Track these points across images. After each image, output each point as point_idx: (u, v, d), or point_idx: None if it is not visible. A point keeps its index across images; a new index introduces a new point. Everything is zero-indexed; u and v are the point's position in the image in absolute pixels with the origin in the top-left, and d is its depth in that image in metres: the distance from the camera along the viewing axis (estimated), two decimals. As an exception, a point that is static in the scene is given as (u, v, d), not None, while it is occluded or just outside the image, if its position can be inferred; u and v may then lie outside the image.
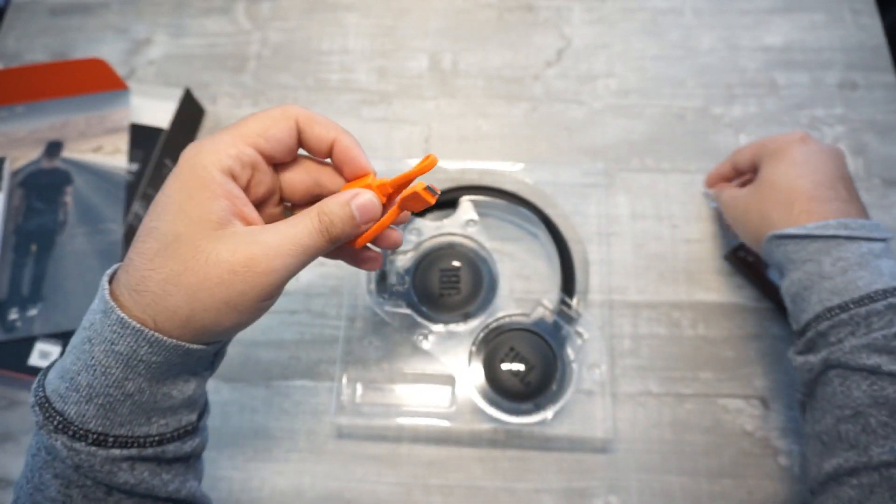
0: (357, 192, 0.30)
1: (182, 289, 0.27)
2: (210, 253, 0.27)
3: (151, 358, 0.27)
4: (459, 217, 0.53)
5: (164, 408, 0.29)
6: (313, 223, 0.29)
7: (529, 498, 0.47)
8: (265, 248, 0.27)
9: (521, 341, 0.49)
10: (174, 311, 0.27)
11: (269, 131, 0.29)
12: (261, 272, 0.27)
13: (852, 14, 0.63)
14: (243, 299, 0.27)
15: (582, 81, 0.62)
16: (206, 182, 0.27)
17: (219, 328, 0.28)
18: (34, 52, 0.66)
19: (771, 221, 0.40)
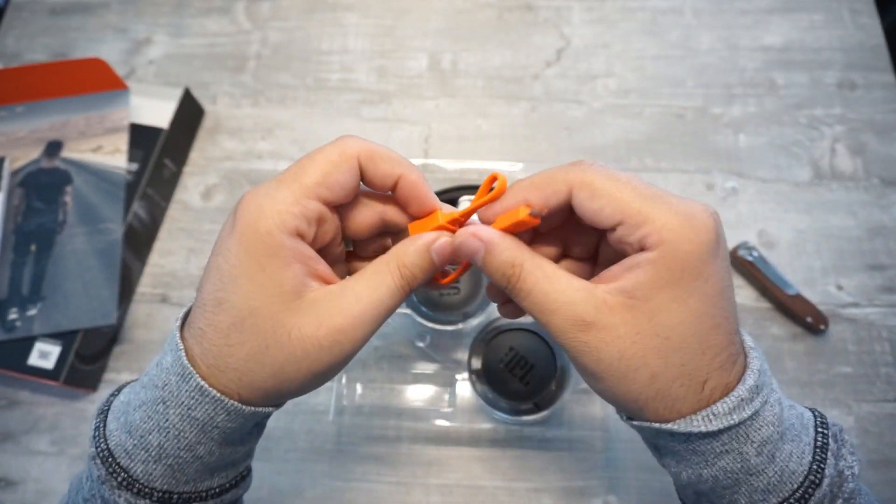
0: (436, 237, 0.28)
1: (267, 367, 0.26)
2: (293, 328, 0.25)
3: (227, 424, 0.27)
4: (459, 217, 0.53)
5: (228, 463, 0.29)
6: (395, 281, 0.27)
7: (529, 497, 0.47)
8: (351, 318, 0.26)
9: (520, 341, 0.49)
10: (259, 387, 0.26)
11: (331, 178, 0.26)
12: (347, 342, 0.26)
13: (851, 14, 0.63)
14: (331, 369, 0.26)
15: (581, 81, 0.62)
16: (274, 249, 0.25)
17: (302, 393, 0.28)
18: (34, 52, 0.66)
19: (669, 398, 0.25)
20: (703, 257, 0.24)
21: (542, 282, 0.26)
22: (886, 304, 0.52)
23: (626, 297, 0.25)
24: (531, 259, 0.26)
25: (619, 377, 0.25)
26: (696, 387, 0.25)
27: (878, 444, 0.48)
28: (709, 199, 0.56)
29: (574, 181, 0.25)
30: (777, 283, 0.52)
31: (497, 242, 0.26)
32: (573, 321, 0.25)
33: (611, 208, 0.25)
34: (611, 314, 0.25)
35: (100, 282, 0.52)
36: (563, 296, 0.25)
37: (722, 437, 0.25)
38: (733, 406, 0.25)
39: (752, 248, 0.53)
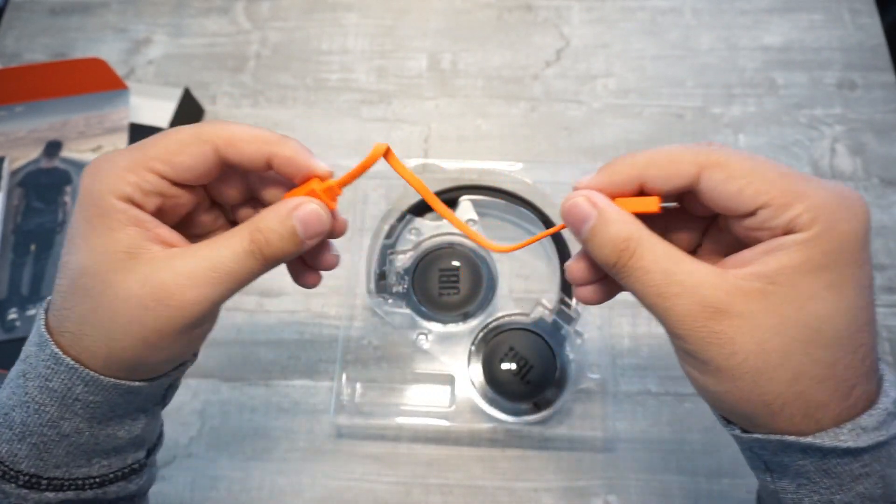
0: (299, 203, 0.25)
1: (96, 328, 0.24)
2: (119, 287, 0.24)
3: (89, 397, 0.25)
4: (459, 216, 0.53)
5: (107, 448, 0.27)
6: (242, 244, 0.25)
7: (528, 497, 0.47)
8: (178, 276, 0.24)
9: (520, 341, 0.49)
10: (93, 352, 0.25)
11: (176, 158, 0.25)
12: (175, 306, 0.24)
13: (851, 14, 0.63)
14: (160, 336, 0.24)
15: (581, 81, 0.62)
16: (106, 211, 0.24)
17: (146, 365, 0.26)
18: (33, 52, 0.66)
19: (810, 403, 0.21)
20: (861, 241, 0.21)
21: (663, 260, 0.22)
22: (886, 304, 0.52)
23: (765, 282, 0.21)
24: (649, 236, 0.23)
25: (754, 375, 0.21)
26: (843, 392, 0.21)
27: (878, 444, 0.48)
28: (709, 199, 0.56)
29: (705, 161, 0.23)
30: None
31: (612, 212, 0.24)
32: (702, 307, 0.22)
33: (753, 189, 0.21)
34: (747, 301, 0.21)
35: (99, 282, 0.52)
36: (690, 277, 0.22)
37: (863, 458, 0.22)
38: (881, 420, 0.21)
39: (752, 248, 0.53)
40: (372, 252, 0.52)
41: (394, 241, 0.52)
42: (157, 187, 0.25)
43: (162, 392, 0.29)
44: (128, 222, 0.24)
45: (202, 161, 0.25)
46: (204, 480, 0.49)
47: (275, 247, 0.25)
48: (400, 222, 0.52)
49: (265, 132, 0.26)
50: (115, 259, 0.24)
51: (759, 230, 0.22)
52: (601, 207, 0.24)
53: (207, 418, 0.50)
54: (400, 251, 0.52)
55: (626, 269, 0.23)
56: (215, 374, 0.52)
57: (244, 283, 0.25)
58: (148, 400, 0.28)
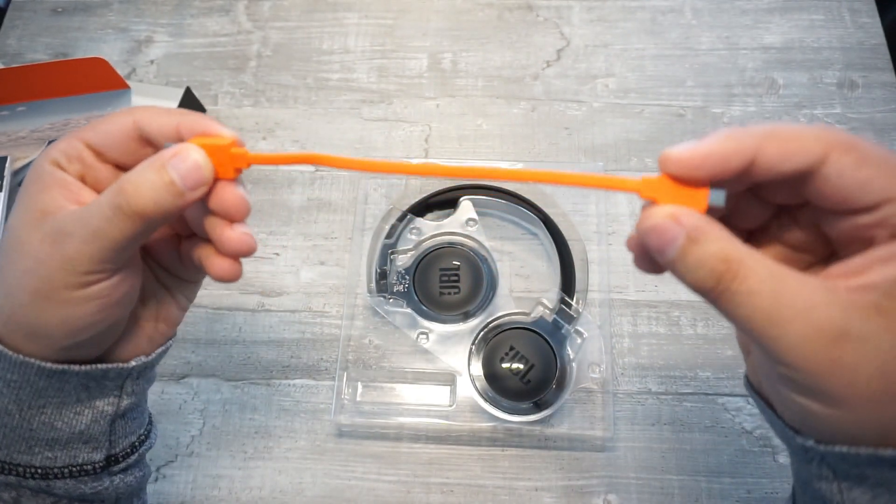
0: (177, 150, 0.24)
1: (4, 286, 0.25)
2: (26, 242, 0.24)
3: (6, 375, 0.25)
4: (459, 216, 0.53)
5: (47, 438, 0.27)
6: (107, 200, 0.23)
7: (529, 496, 0.48)
8: (68, 226, 0.24)
9: (520, 340, 0.49)
10: (11, 315, 0.25)
11: (99, 126, 0.26)
12: (62, 254, 0.24)
13: (851, 13, 0.63)
14: (51, 287, 0.24)
15: (581, 81, 0.62)
16: (38, 175, 0.25)
17: (44, 326, 0.25)
18: (35, 52, 0.67)
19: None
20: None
21: (770, 280, 0.19)
22: None
23: (881, 295, 0.19)
24: (749, 252, 0.20)
25: (874, 402, 0.19)
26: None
27: (877, 443, 0.48)
28: (709, 199, 0.56)
29: (834, 142, 0.20)
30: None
31: (706, 230, 0.20)
32: (819, 332, 0.19)
33: (884, 179, 0.19)
34: (865, 320, 0.19)
35: (101, 281, 0.52)
36: (801, 298, 0.19)
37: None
38: None
39: (753, 248, 0.53)
40: (373, 251, 0.52)
41: (394, 240, 0.52)
42: (78, 152, 0.26)
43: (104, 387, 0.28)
44: (53, 184, 0.25)
45: (120, 128, 0.26)
46: (205, 479, 0.49)
47: (145, 197, 0.23)
48: (401, 222, 0.53)
49: (180, 110, 0.26)
50: (32, 218, 0.24)
51: (877, 227, 0.20)
52: (690, 226, 0.20)
53: (208, 417, 0.50)
54: (401, 251, 0.52)
55: (728, 293, 0.20)
56: (216, 373, 0.52)
57: (122, 245, 0.24)
58: (86, 391, 0.27)
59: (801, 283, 0.19)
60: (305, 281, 0.55)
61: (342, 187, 0.58)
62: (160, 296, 0.30)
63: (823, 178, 0.20)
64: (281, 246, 0.56)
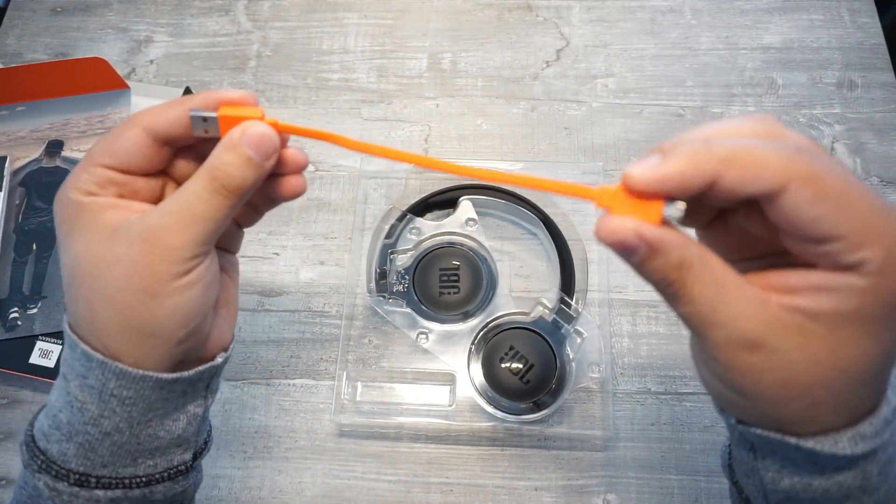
0: (244, 128, 0.25)
1: (102, 301, 0.25)
2: (110, 257, 0.25)
3: (123, 392, 0.26)
4: (459, 216, 0.53)
5: (150, 448, 0.28)
6: (203, 185, 0.25)
7: (529, 496, 0.48)
8: (156, 228, 0.25)
9: (520, 340, 0.49)
10: (107, 326, 0.26)
11: (113, 146, 0.27)
12: (159, 250, 0.25)
13: (851, 13, 0.63)
14: (155, 282, 0.25)
15: (581, 81, 0.62)
16: (78, 206, 0.26)
17: (155, 323, 0.26)
18: (35, 52, 0.67)
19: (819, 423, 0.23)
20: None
21: (709, 290, 0.21)
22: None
23: (806, 319, 0.21)
24: (700, 259, 0.21)
25: (773, 402, 0.22)
26: (851, 413, 0.22)
27: (877, 443, 0.48)
28: (708, 199, 0.56)
29: (797, 173, 0.20)
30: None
31: (666, 241, 0.21)
32: (739, 339, 0.21)
33: (837, 217, 0.20)
34: (784, 337, 0.21)
35: (101, 281, 0.52)
36: (731, 309, 0.21)
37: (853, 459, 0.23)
38: (879, 428, 0.22)
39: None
40: (372, 251, 0.52)
41: (394, 240, 0.52)
42: (108, 178, 0.26)
43: (200, 388, 0.29)
44: (104, 208, 0.26)
45: (134, 142, 0.27)
46: (205, 479, 0.48)
47: (236, 177, 0.25)
48: (400, 222, 0.53)
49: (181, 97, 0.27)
50: (102, 238, 0.25)
51: (821, 257, 0.21)
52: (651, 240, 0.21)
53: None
54: (400, 250, 0.52)
55: (675, 296, 0.22)
56: (216, 373, 0.52)
57: (221, 223, 0.26)
58: (185, 398, 0.29)
59: (738, 293, 0.21)
60: (305, 281, 0.55)
61: (342, 187, 0.58)
62: (222, 277, 0.30)
63: (779, 205, 0.20)
64: (281, 246, 0.56)
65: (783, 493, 0.25)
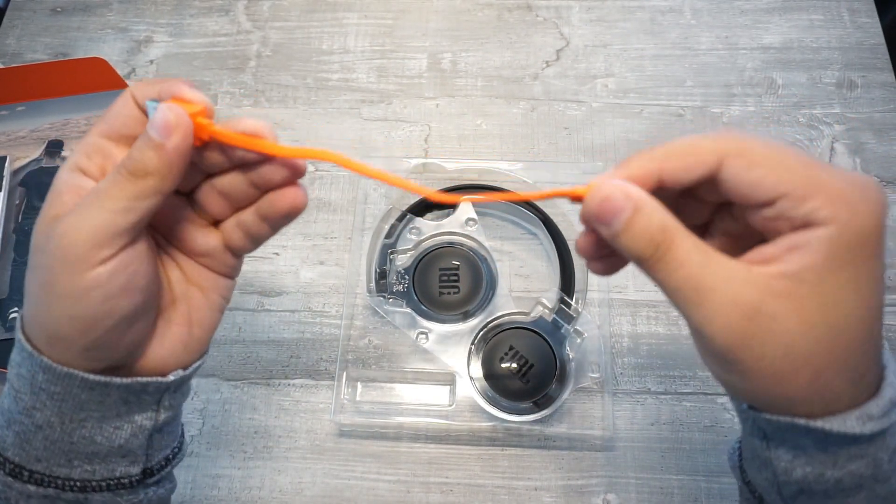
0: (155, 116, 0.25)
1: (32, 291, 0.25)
2: (37, 244, 0.25)
3: (51, 387, 0.25)
4: (459, 216, 0.53)
5: (86, 452, 0.27)
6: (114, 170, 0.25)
7: (528, 496, 0.48)
8: (67, 214, 0.24)
9: (520, 340, 0.49)
10: (27, 318, 0.25)
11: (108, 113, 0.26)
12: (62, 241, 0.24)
13: (850, 13, 0.63)
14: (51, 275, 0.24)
15: (581, 81, 0.62)
16: (55, 187, 0.25)
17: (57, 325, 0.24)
18: (35, 52, 0.67)
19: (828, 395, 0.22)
20: (879, 232, 0.21)
21: (696, 253, 0.22)
22: (886, 304, 0.52)
23: (794, 281, 0.21)
24: (681, 227, 0.22)
25: (777, 377, 0.22)
26: (855, 382, 0.22)
27: (876, 443, 0.48)
28: (708, 199, 0.57)
29: (727, 149, 0.22)
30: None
31: (650, 202, 0.22)
32: (735, 304, 0.21)
33: (774, 178, 0.21)
34: (777, 301, 0.21)
35: (100, 281, 0.52)
36: (724, 271, 0.21)
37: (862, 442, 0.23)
38: (886, 408, 0.22)
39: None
40: (372, 251, 0.52)
41: (394, 240, 0.52)
42: (96, 145, 0.26)
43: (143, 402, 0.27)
44: (66, 190, 0.25)
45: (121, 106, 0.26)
46: (205, 479, 0.49)
47: (135, 159, 0.24)
48: (400, 222, 0.53)
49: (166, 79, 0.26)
50: (44, 223, 0.25)
51: (778, 220, 0.22)
52: (636, 198, 0.22)
53: (208, 417, 0.50)
54: (400, 250, 0.52)
55: (662, 262, 0.22)
56: (216, 373, 0.52)
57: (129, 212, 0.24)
58: (129, 407, 0.27)
59: (724, 261, 0.22)
60: (305, 281, 0.55)
61: (342, 187, 0.58)
62: (191, 296, 0.29)
63: (723, 181, 0.22)
64: (280, 246, 0.56)
65: (796, 485, 0.24)
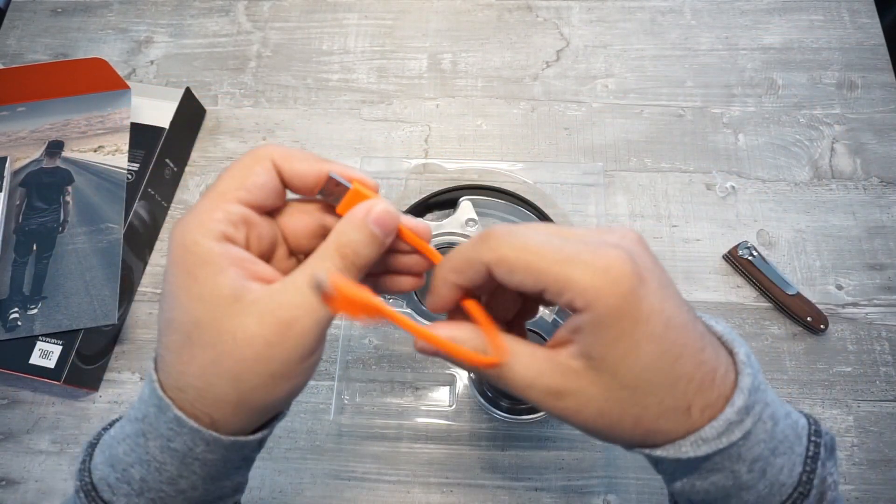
0: (369, 206, 0.26)
1: (222, 377, 0.25)
2: (237, 331, 0.24)
3: (208, 456, 0.26)
4: (459, 217, 0.53)
5: (214, 497, 0.28)
6: (335, 262, 0.26)
7: (528, 496, 0.48)
8: (293, 309, 0.25)
9: (520, 340, 0.49)
10: (223, 400, 0.25)
11: (248, 181, 0.26)
12: (294, 336, 0.25)
13: (850, 14, 0.63)
14: (288, 367, 0.25)
15: (581, 81, 0.62)
16: (203, 258, 0.25)
17: (273, 401, 0.26)
18: (35, 52, 0.67)
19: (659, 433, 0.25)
20: (632, 304, 0.24)
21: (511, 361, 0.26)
22: (886, 304, 0.52)
23: (585, 358, 0.25)
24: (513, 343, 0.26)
25: (605, 429, 0.26)
26: (682, 416, 0.25)
27: (877, 444, 0.48)
28: (708, 199, 0.57)
29: (489, 260, 0.26)
30: (777, 282, 0.52)
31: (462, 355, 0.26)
32: (547, 392, 0.26)
33: (531, 280, 0.25)
34: (578, 379, 0.25)
35: (101, 281, 0.52)
36: (532, 370, 0.26)
37: (713, 458, 0.26)
38: (722, 430, 0.25)
39: (752, 248, 0.53)
40: (372, 252, 0.52)
41: (394, 240, 0.52)
42: (242, 215, 0.26)
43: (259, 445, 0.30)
44: (229, 264, 0.25)
45: (268, 177, 0.27)
46: (205, 479, 0.49)
47: (363, 255, 0.26)
48: (400, 222, 0.53)
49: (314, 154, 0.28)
50: (224, 304, 0.24)
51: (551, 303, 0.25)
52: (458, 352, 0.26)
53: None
54: (400, 251, 0.52)
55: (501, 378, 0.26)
56: (216, 373, 0.52)
57: None
58: (254, 450, 0.29)
59: (531, 358, 0.26)
60: (305, 281, 0.55)
61: (342, 188, 0.58)
62: None
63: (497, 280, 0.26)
64: (281, 246, 0.56)
65: (679, 494, 0.28)
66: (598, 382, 0.25)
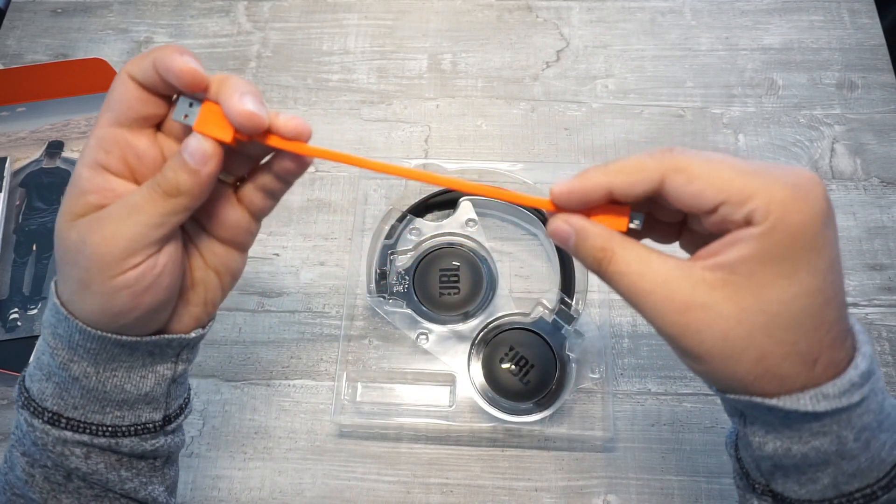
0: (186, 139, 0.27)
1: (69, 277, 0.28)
2: (65, 240, 0.27)
3: (86, 344, 0.28)
4: (459, 217, 0.53)
5: (117, 400, 0.30)
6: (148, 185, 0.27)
7: (529, 496, 0.48)
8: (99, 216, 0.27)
9: (520, 341, 0.49)
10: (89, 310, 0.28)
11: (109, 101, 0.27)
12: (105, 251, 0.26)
13: (851, 14, 0.63)
14: (90, 276, 0.27)
15: (581, 82, 0.62)
16: (77, 185, 0.27)
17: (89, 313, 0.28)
18: (35, 52, 0.67)
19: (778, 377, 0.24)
20: (816, 228, 0.23)
21: (635, 263, 0.25)
22: (886, 304, 0.52)
23: (726, 272, 0.24)
24: (622, 242, 0.26)
25: (723, 359, 0.24)
26: (808, 365, 0.24)
27: (877, 444, 0.48)
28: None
29: (668, 167, 0.25)
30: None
31: (588, 228, 0.27)
32: (669, 302, 0.24)
33: (712, 189, 0.24)
34: (710, 292, 0.24)
35: (101, 281, 0.52)
36: (658, 275, 0.25)
37: (823, 420, 0.25)
38: (844, 389, 0.24)
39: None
40: (372, 252, 0.52)
41: (394, 241, 0.52)
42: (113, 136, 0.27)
43: (165, 354, 0.31)
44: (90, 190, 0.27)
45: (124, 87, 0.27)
46: (205, 480, 0.49)
47: (170, 180, 0.27)
48: (400, 222, 0.53)
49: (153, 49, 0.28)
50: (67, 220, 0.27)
51: (722, 223, 0.24)
52: (577, 226, 0.27)
53: (208, 418, 0.50)
54: (400, 251, 0.52)
55: (607, 273, 0.26)
56: (216, 373, 0.52)
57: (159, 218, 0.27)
58: (154, 359, 0.30)
59: (662, 264, 0.25)
60: (305, 281, 0.55)
61: (342, 188, 0.58)
62: (208, 280, 0.32)
63: (668, 195, 0.25)
64: (281, 247, 0.56)
65: (769, 459, 0.27)
66: (734, 299, 0.23)
